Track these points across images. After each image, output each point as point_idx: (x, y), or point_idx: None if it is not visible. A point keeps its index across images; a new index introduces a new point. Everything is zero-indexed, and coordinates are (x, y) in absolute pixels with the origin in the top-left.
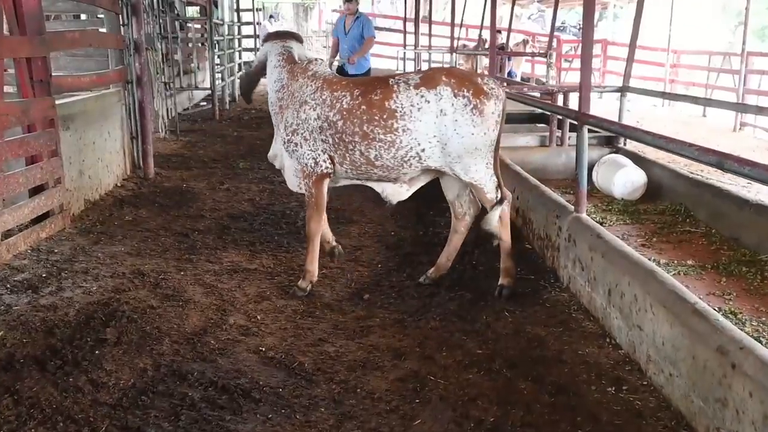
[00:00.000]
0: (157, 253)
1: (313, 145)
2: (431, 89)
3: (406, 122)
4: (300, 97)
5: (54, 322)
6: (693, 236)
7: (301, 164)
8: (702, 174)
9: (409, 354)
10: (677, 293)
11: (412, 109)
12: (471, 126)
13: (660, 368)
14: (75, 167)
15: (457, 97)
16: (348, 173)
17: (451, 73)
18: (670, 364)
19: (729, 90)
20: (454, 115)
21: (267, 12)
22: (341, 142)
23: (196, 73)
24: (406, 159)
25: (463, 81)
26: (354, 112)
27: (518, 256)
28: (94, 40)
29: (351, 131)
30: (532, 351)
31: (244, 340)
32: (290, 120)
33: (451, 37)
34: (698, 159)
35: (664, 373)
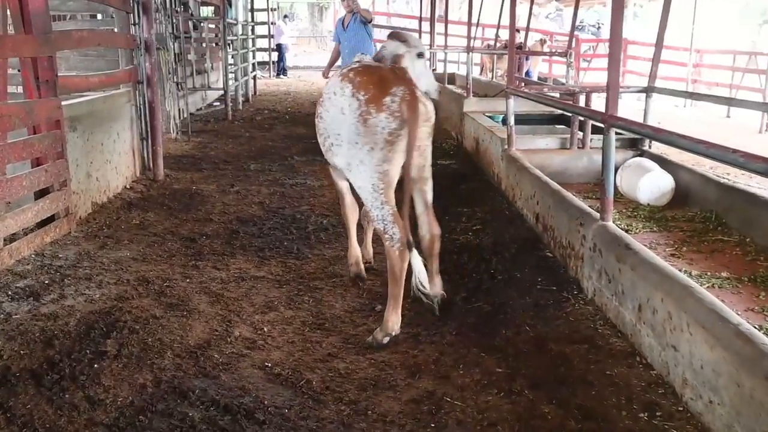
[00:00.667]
0: (163, 258)
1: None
2: (343, 81)
3: (322, 109)
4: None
5: (54, 333)
6: (726, 245)
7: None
8: (728, 177)
9: (423, 372)
10: (718, 312)
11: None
12: (355, 134)
13: (698, 393)
14: (82, 169)
15: (353, 98)
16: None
17: (364, 71)
18: (710, 390)
19: (754, 90)
20: (349, 117)
21: (281, 12)
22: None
23: (210, 73)
24: (326, 147)
25: (367, 82)
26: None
27: (538, 265)
28: (102, 40)
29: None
30: (556, 370)
31: (249, 354)
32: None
33: (468, 36)
34: (744, 166)
35: (703, 399)
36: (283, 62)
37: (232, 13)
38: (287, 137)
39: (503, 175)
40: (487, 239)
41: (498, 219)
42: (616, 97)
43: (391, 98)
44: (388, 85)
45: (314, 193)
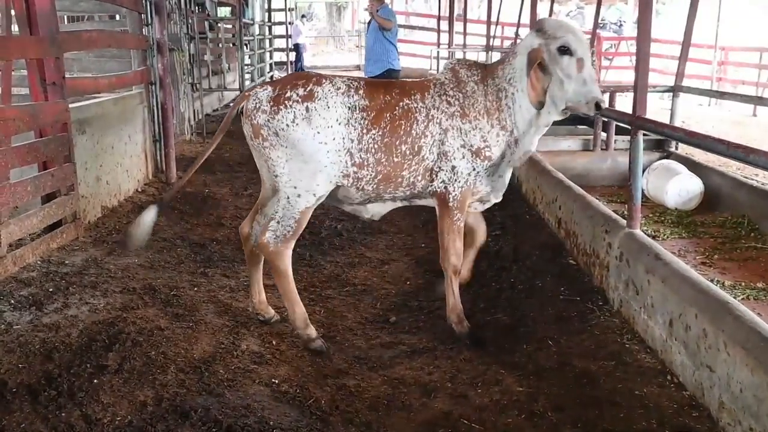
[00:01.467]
0: (171, 265)
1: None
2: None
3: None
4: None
5: (54, 345)
6: (760, 253)
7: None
8: (758, 180)
9: (439, 390)
10: (759, 332)
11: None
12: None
13: (737, 419)
14: (91, 173)
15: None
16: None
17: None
18: (750, 417)
19: None
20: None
21: (299, 12)
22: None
23: (226, 73)
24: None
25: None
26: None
27: (561, 273)
28: (113, 41)
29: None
30: (581, 390)
31: (256, 369)
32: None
33: (487, 35)
34: None
35: (743, 425)
36: (301, 62)
37: (248, 13)
38: None
39: (523, 178)
40: (507, 245)
41: (518, 224)
42: (644, 98)
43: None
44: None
45: None
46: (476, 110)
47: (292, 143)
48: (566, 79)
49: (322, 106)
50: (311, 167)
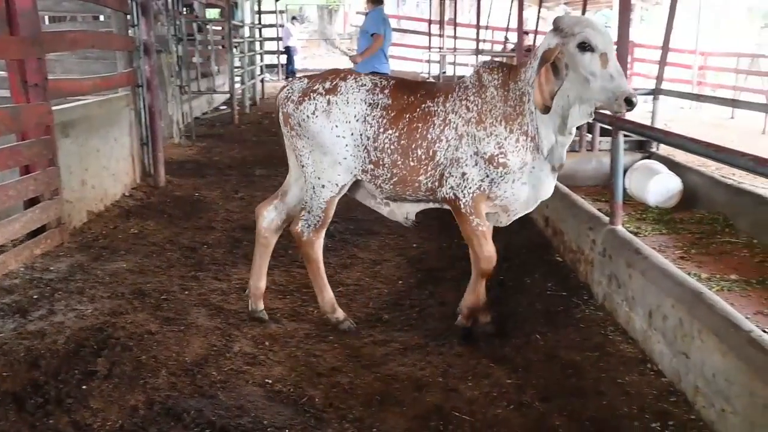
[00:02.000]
0: (161, 269)
1: None
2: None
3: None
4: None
5: (40, 352)
6: (734, 247)
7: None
8: (734, 179)
9: (431, 385)
10: (730, 320)
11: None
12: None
13: (710, 402)
14: (76, 177)
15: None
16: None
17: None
18: (722, 399)
19: (758, 92)
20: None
21: (290, 14)
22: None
23: (216, 76)
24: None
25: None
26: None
27: (548, 270)
28: (97, 41)
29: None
30: (567, 380)
31: (249, 370)
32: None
33: (477, 39)
34: (754, 170)
35: (716, 408)
36: (291, 65)
37: (238, 15)
38: None
39: None
40: (496, 244)
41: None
42: None
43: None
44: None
45: None
46: (493, 116)
47: (312, 134)
48: (591, 77)
49: (343, 100)
50: (330, 159)
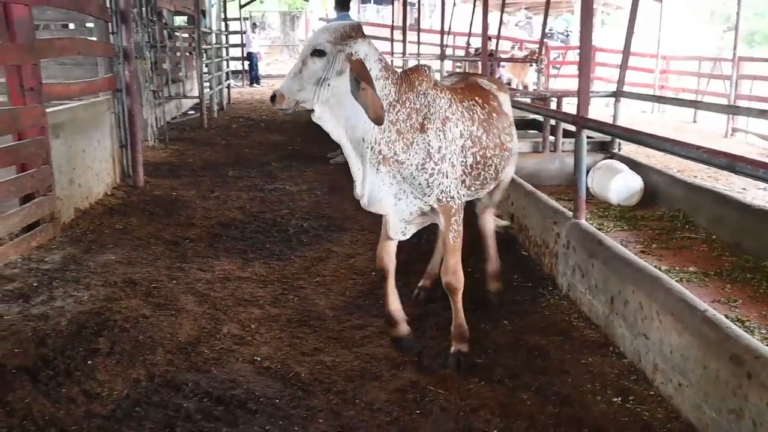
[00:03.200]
0: (148, 261)
1: (456, 170)
2: (501, 92)
3: (512, 127)
4: (439, 113)
5: (45, 332)
6: (693, 242)
7: (444, 200)
8: (694, 177)
9: (407, 364)
10: (686, 301)
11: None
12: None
13: (668, 378)
14: (65, 176)
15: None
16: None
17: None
18: (679, 374)
19: (720, 95)
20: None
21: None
22: (482, 158)
23: (185, 81)
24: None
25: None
26: (491, 122)
27: (515, 264)
28: (83, 48)
29: (493, 144)
30: (534, 361)
31: (238, 349)
32: (435, 144)
33: (441, 44)
34: (708, 162)
35: (673, 382)
36: (255, 71)
37: (205, 22)
38: (263, 144)
39: None
40: (464, 240)
41: (474, 220)
42: (587, 100)
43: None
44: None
45: (293, 197)
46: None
47: None
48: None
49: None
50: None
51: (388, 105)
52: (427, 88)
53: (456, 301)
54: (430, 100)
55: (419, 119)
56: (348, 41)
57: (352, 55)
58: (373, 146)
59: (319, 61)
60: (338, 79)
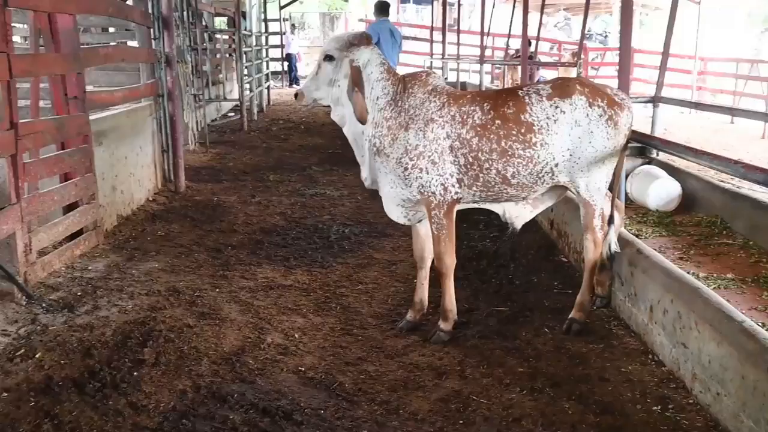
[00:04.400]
0: (191, 269)
1: (441, 168)
2: (566, 99)
3: (544, 136)
4: (424, 115)
5: (91, 343)
6: (731, 249)
7: (426, 194)
8: (732, 183)
9: (450, 373)
10: (723, 311)
11: (549, 122)
12: (605, 138)
13: (707, 387)
14: (108, 183)
15: (593, 107)
16: (475, 196)
17: (584, 83)
18: (717, 383)
19: (757, 97)
20: (589, 126)
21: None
22: (475, 161)
23: (225, 83)
24: (541, 175)
25: (596, 90)
26: (489, 128)
27: (555, 270)
28: (126, 55)
29: (488, 148)
30: (575, 369)
31: (282, 359)
32: (413, 141)
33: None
34: (744, 176)
35: (711, 392)
36: (294, 72)
37: (246, 24)
38: (303, 147)
39: None
40: (504, 246)
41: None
42: None
43: (618, 97)
44: (605, 87)
45: (334, 203)
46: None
47: None
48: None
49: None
50: None
51: (385, 103)
52: (420, 91)
53: (442, 283)
54: (419, 103)
55: (406, 118)
56: (352, 48)
57: (353, 61)
58: (370, 139)
59: (329, 65)
60: (345, 80)
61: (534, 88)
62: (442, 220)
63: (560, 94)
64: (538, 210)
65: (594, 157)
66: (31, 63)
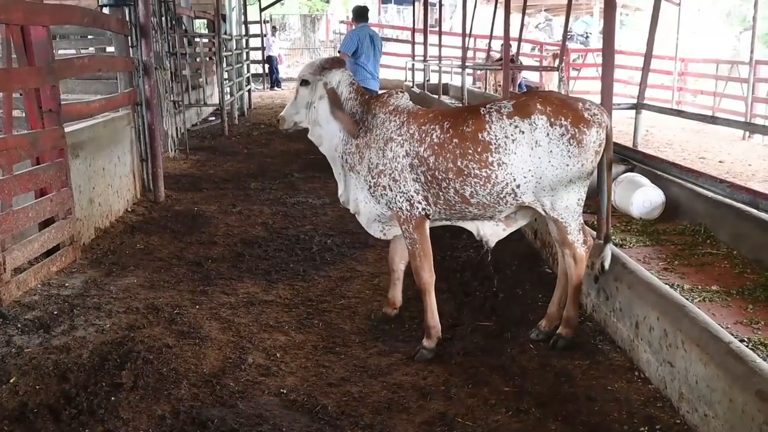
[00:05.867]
0: (170, 284)
1: (404, 186)
2: (525, 118)
3: (501, 155)
4: (384, 134)
5: (67, 366)
6: (715, 258)
7: (394, 209)
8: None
9: (434, 393)
10: (710, 332)
11: (507, 141)
12: (567, 157)
13: (694, 407)
14: (85, 196)
15: (554, 127)
16: (442, 213)
17: (547, 101)
18: (705, 404)
19: (737, 98)
20: (549, 146)
21: (273, 24)
22: (434, 180)
23: (205, 87)
24: (502, 195)
25: (560, 108)
26: (446, 147)
27: (539, 281)
28: (103, 65)
29: (444, 168)
30: (560, 387)
31: (264, 381)
32: (375, 160)
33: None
34: (731, 196)
35: (699, 412)
36: (275, 74)
37: (225, 27)
38: (285, 153)
39: None
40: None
41: None
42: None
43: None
44: (574, 102)
45: (316, 211)
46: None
47: None
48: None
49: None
50: None
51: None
52: (381, 111)
53: (423, 299)
54: (380, 123)
55: (369, 138)
56: (324, 72)
57: (326, 84)
58: (343, 156)
59: (305, 89)
60: (320, 102)
61: (497, 105)
62: (413, 235)
63: (520, 113)
64: (512, 228)
65: (557, 177)
66: (4, 77)
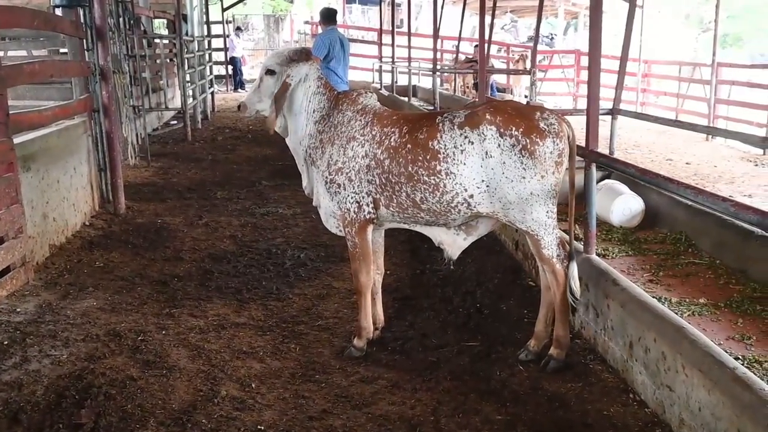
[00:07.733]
0: (133, 307)
1: (358, 186)
2: (474, 129)
3: (449, 165)
4: (348, 132)
5: (19, 405)
6: (699, 269)
7: (342, 209)
8: None
9: (423, 425)
10: (713, 356)
11: (455, 151)
12: (521, 169)
13: None
14: (38, 211)
15: (504, 137)
16: (395, 216)
17: (498, 111)
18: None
19: (700, 99)
20: (501, 157)
21: (236, 24)
22: (387, 182)
23: (166, 90)
24: (453, 204)
25: (511, 118)
26: (400, 151)
27: (523, 295)
28: (56, 71)
29: (397, 171)
30: (555, 413)
31: (239, 416)
32: (335, 157)
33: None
34: (735, 216)
35: None
36: (239, 76)
37: (187, 28)
38: (252, 159)
39: None
40: (469, 269)
41: (478, 247)
42: (596, 131)
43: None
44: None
45: (287, 222)
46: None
47: None
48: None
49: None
50: None
51: (320, 117)
52: (349, 109)
53: (357, 300)
54: (346, 120)
55: (333, 134)
56: (291, 64)
57: (288, 76)
58: (305, 149)
59: (271, 78)
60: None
61: (452, 114)
62: (354, 238)
63: (470, 123)
64: (473, 237)
65: (515, 189)
66: None
